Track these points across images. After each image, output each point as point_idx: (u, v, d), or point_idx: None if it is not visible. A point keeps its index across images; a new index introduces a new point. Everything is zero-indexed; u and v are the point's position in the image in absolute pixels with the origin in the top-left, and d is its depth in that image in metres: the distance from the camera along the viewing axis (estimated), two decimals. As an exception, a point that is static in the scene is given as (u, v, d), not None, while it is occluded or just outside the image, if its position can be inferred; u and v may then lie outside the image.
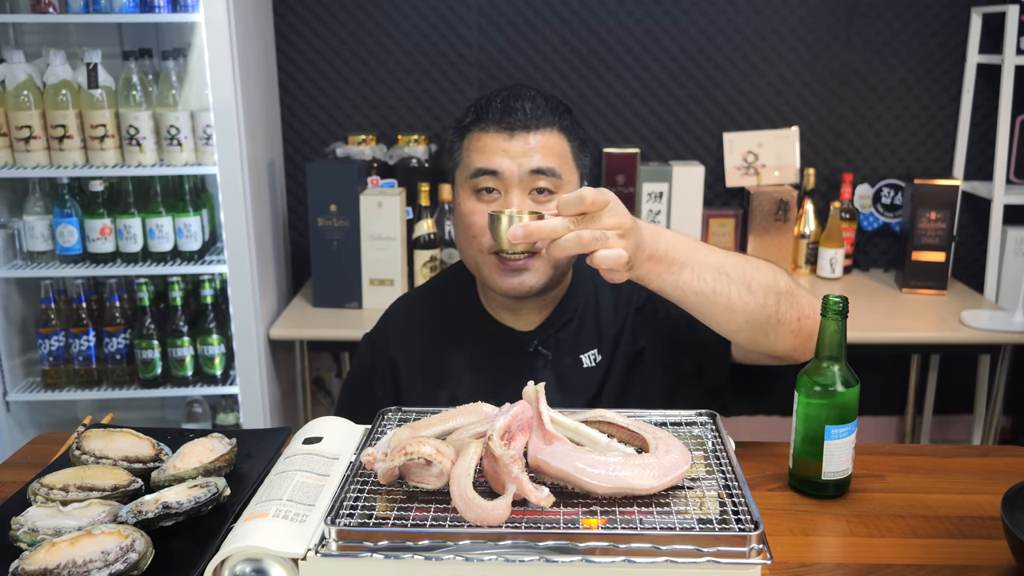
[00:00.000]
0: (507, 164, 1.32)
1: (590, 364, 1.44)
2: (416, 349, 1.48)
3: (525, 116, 1.33)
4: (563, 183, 1.34)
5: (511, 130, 1.33)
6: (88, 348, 2.59)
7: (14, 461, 1.31)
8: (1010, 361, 2.56)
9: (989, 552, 1.04)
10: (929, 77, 2.91)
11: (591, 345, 1.44)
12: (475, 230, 1.35)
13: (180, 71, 2.48)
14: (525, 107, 1.34)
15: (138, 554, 0.91)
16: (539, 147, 1.33)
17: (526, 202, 1.33)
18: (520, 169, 1.32)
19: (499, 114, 1.34)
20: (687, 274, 1.15)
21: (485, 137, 1.35)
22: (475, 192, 1.35)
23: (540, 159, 1.33)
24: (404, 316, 1.54)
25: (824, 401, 1.13)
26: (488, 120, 1.35)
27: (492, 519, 0.87)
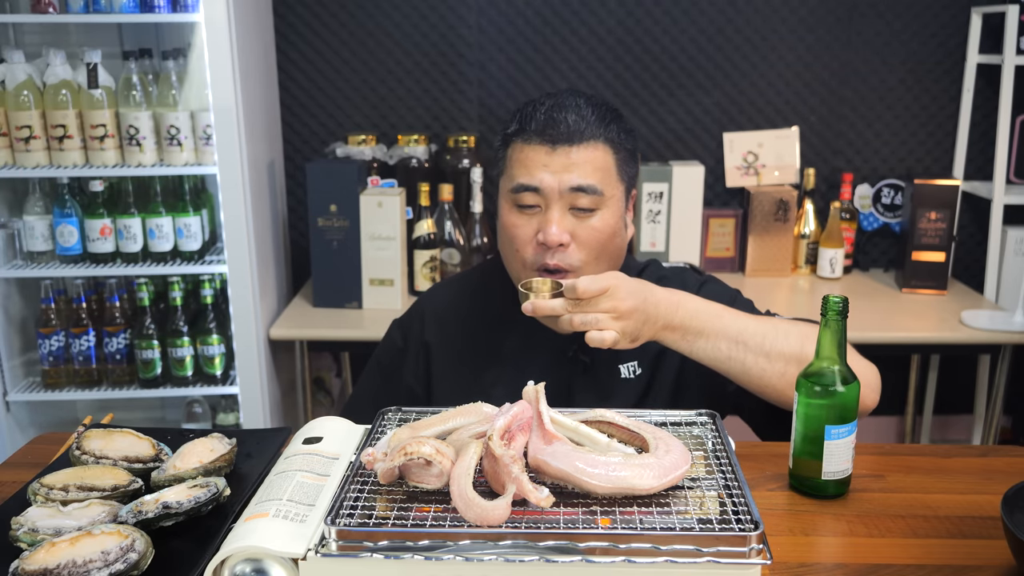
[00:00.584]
0: (548, 179, 1.30)
1: (628, 375, 1.42)
2: (453, 338, 1.47)
3: (568, 129, 1.30)
4: (605, 199, 1.32)
5: (553, 143, 1.31)
6: (88, 348, 2.59)
7: (14, 461, 1.30)
8: (1010, 361, 2.56)
9: (989, 552, 1.04)
10: (929, 77, 2.91)
11: (632, 357, 1.42)
12: (517, 243, 1.34)
13: (180, 71, 2.48)
14: (568, 119, 1.31)
15: (138, 554, 0.91)
16: (581, 162, 1.30)
17: (566, 218, 1.31)
18: (560, 185, 1.30)
19: (541, 125, 1.31)
20: (701, 342, 1.25)
21: (527, 149, 1.32)
22: (516, 205, 1.34)
23: (580, 176, 1.30)
24: (442, 304, 1.52)
25: (824, 401, 1.13)
26: (531, 131, 1.32)
27: (492, 519, 0.87)
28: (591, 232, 1.32)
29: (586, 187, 1.30)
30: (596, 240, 1.33)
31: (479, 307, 1.49)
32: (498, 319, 1.45)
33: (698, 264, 2.83)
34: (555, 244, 1.30)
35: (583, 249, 1.32)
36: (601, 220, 1.32)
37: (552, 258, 1.32)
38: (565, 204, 1.31)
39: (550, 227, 1.30)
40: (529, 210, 1.33)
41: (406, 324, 1.53)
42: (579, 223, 1.32)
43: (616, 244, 1.37)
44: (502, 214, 1.37)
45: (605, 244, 1.34)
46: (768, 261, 2.90)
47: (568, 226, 1.31)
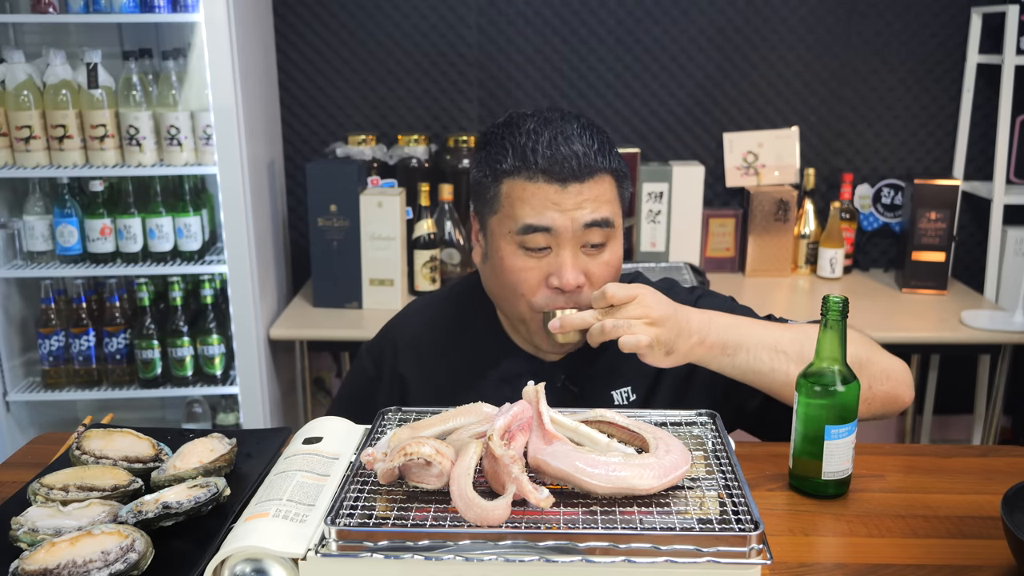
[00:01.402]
0: (560, 220, 1.22)
1: (621, 401, 1.36)
2: (431, 370, 1.40)
3: (578, 164, 1.22)
4: (614, 230, 1.27)
5: (563, 182, 1.22)
6: (88, 348, 2.59)
7: (14, 461, 1.30)
8: (1010, 361, 2.56)
9: (989, 552, 1.04)
10: (929, 77, 2.91)
11: (624, 382, 1.37)
12: (524, 288, 1.26)
13: (180, 71, 2.48)
14: (577, 152, 1.22)
15: (138, 554, 0.91)
16: (591, 197, 1.23)
17: (579, 259, 1.25)
18: (574, 224, 1.22)
19: (547, 162, 1.22)
20: (743, 356, 1.22)
21: (532, 188, 1.23)
22: (522, 248, 1.25)
23: (592, 211, 1.23)
24: (417, 333, 1.44)
25: (824, 401, 1.13)
26: (535, 169, 1.22)
27: (492, 519, 0.87)
28: (604, 268, 1.27)
29: (600, 221, 1.24)
30: (609, 276, 1.28)
31: (456, 336, 1.41)
32: (479, 349, 1.39)
33: (698, 264, 2.83)
34: (572, 288, 1.24)
35: (596, 287, 1.25)
36: (611, 254, 1.28)
37: (567, 300, 1.25)
38: (577, 243, 1.25)
39: (565, 271, 1.23)
40: (538, 252, 1.25)
41: (376, 352, 1.45)
42: (591, 260, 1.26)
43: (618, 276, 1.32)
44: (503, 257, 1.27)
45: (614, 278, 1.29)
46: (768, 261, 2.90)
47: (581, 266, 1.25)
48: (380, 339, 1.47)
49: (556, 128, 1.25)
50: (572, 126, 1.25)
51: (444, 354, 1.41)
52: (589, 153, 1.23)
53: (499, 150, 1.27)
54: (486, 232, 1.32)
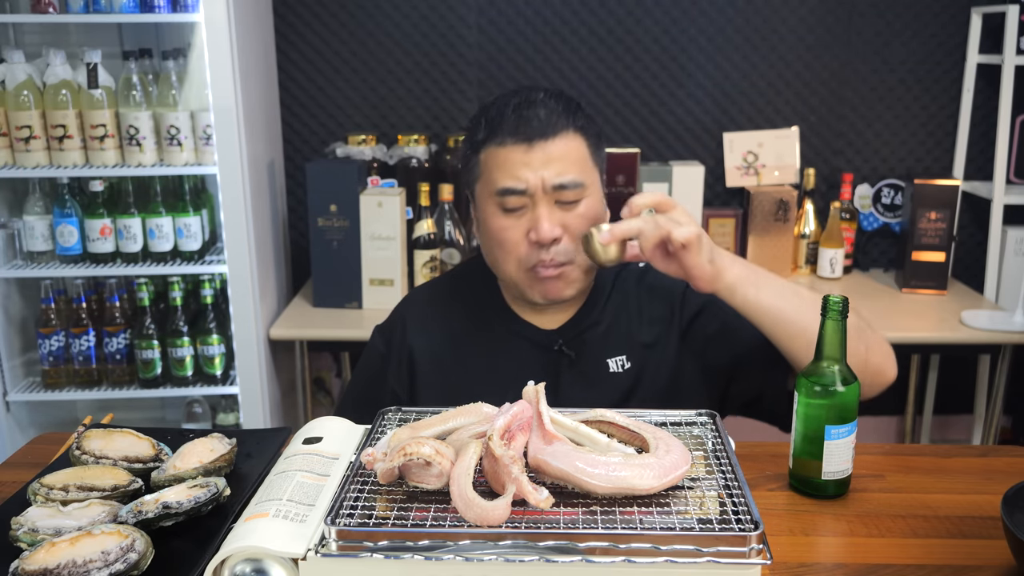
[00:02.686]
0: (531, 178, 1.30)
1: (616, 369, 1.41)
2: (436, 341, 1.47)
3: (541, 124, 1.30)
4: (586, 189, 1.33)
5: (529, 141, 1.30)
6: (88, 348, 2.59)
7: (14, 461, 1.31)
8: (1010, 361, 2.56)
9: (989, 552, 1.04)
10: (929, 77, 2.91)
11: (620, 351, 1.42)
12: (508, 245, 1.34)
13: (180, 71, 2.48)
14: (539, 114, 1.30)
15: (138, 554, 0.91)
16: (560, 156, 1.31)
17: (555, 213, 1.31)
18: (544, 182, 1.30)
19: (514, 125, 1.30)
20: (767, 290, 1.30)
21: (503, 152, 1.31)
22: (502, 209, 1.33)
23: (560, 171, 1.30)
24: (423, 308, 1.52)
25: (824, 401, 1.13)
26: (504, 133, 1.31)
27: (492, 519, 0.87)
28: (580, 220, 1.33)
29: (568, 183, 1.31)
30: (587, 226, 1.32)
31: (461, 307, 1.48)
32: (481, 318, 1.45)
33: (698, 264, 2.83)
34: (548, 240, 1.31)
35: (575, 240, 1.33)
36: (587, 207, 1.34)
37: (548, 253, 1.32)
38: (551, 199, 1.31)
39: (541, 224, 1.30)
40: (516, 212, 1.33)
41: (387, 330, 1.52)
42: (567, 214, 1.32)
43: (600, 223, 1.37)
44: (486, 219, 1.36)
45: None
46: (768, 261, 2.89)
47: (557, 219, 1.32)
48: (390, 317, 1.55)
49: (522, 95, 1.34)
50: (538, 94, 1.34)
51: (446, 321, 1.48)
52: (552, 113, 1.31)
53: (476, 124, 1.37)
54: (475, 201, 1.41)
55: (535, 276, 1.34)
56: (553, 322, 1.44)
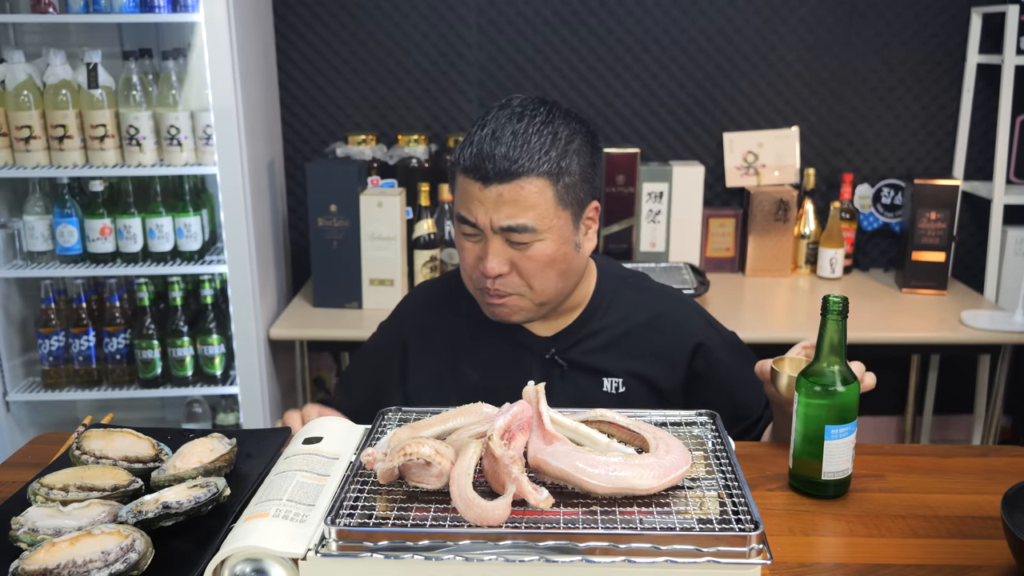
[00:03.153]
0: (481, 216, 1.29)
1: (610, 390, 1.43)
2: (431, 335, 1.50)
3: (495, 167, 1.26)
4: (540, 233, 1.29)
5: (484, 181, 1.27)
6: (88, 348, 2.59)
7: (14, 461, 1.31)
8: (1010, 361, 2.56)
9: (989, 552, 1.04)
10: (929, 77, 2.91)
11: (618, 374, 1.43)
12: (466, 264, 1.37)
13: (180, 71, 2.48)
14: (496, 155, 1.26)
15: (138, 554, 0.91)
16: (511, 201, 1.27)
17: (504, 250, 1.31)
18: (492, 223, 1.29)
19: (472, 161, 1.28)
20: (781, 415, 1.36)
21: (464, 182, 1.31)
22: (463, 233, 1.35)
23: (510, 216, 1.28)
24: (421, 303, 1.56)
25: (824, 401, 1.13)
26: (465, 164, 1.29)
27: (492, 519, 0.87)
28: (530, 263, 1.31)
29: (516, 227, 1.28)
30: (534, 269, 1.32)
31: (456, 306, 1.50)
32: (479, 319, 1.46)
33: (698, 264, 2.83)
34: (492, 275, 1.32)
35: (524, 277, 1.33)
36: (538, 250, 1.31)
37: (493, 284, 1.33)
38: (501, 238, 1.30)
39: (486, 261, 1.31)
40: (472, 238, 1.34)
41: (386, 325, 1.59)
42: (517, 253, 1.31)
43: (562, 268, 1.34)
44: (456, 234, 1.38)
45: (545, 270, 1.33)
46: (768, 261, 2.90)
47: (506, 256, 1.31)
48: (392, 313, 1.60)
49: (497, 125, 1.28)
50: (515, 126, 1.28)
51: (442, 319, 1.50)
52: (512, 155, 1.26)
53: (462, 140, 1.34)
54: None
55: (485, 297, 1.37)
56: (549, 329, 1.44)
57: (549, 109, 1.31)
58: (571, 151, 1.30)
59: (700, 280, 2.59)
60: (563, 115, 1.32)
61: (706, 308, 2.58)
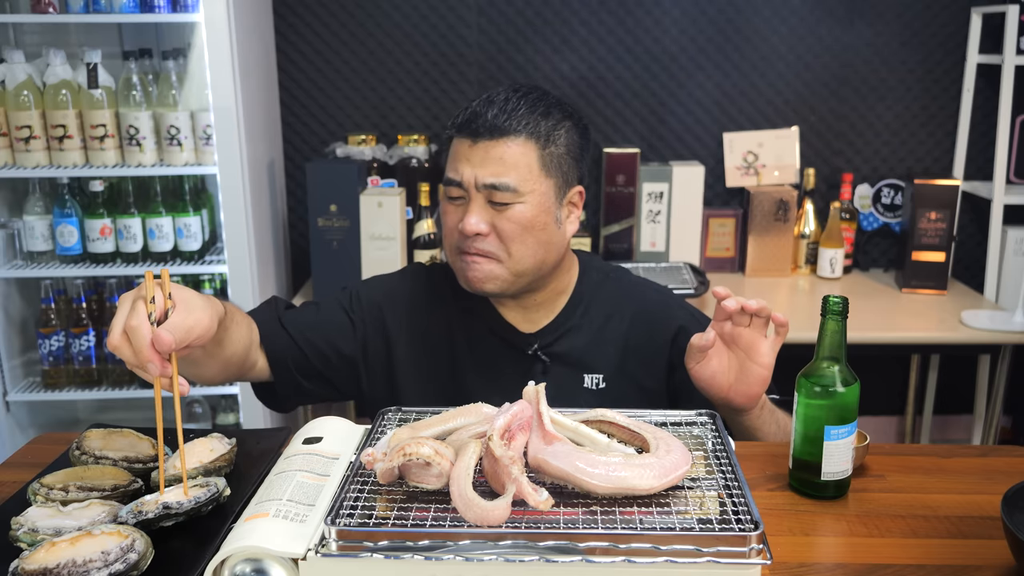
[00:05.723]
0: (467, 173, 1.33)
1: (590, 386, 1.44)
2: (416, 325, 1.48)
3: (487, 124, 1.32)
4: (521, 195, 1.33)
5: (474, 138, 1.33)
6: (88, 348, 2.59)
7: (14, 461, 1.30)
8: (1010, 361, 2.56)
9: (989, 552, 1.04)
10: (929, 77, 2.91)
11: (599, 370, 1.44)
12: (447, 231, 1.39)
13: (180, 71, 2.48)
14: (489, 114, 1.32)
15: (138, 554, 0.91)
16: (496, 158, 1.32)
17: (485, 210, 1.33)
18: (476, 180, 1.32)
19: (466, 119, 1.34)
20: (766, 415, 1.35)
21: (456, 143, 1.36)
22: (448, 197, 1.38)
23: (494, 173, 1.32)
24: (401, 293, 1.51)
25: (824, 402, 1.13)
26: (459, 126, 1.35)
27: (492, 519, 0.87)
28: (509, 224, 1.34)
29: (498, 185, 1.32)
30: (513, 231, 1.34)
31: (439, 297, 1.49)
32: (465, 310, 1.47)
33: (698, 264, 2.83)
34: (470, 233, 1.34)
35: (503, 239, 1.35)
36: (518, 212, 1.34)
37: (471, 245, 1.35)
38: (484, 197, 1.34)
39: (467, 218, 1.34)
40: (457, 201, 1.37)
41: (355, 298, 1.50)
42: (498, 215, 1.34)
43: (541, 237, 1.37)
44: (441, 206, 1.42)
45: (523, 235, 1.35)
46: (768, 261, 2.90)
47: (487, 217, 1.34)
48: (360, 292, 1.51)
49: (492, 93, 1.37)
50: (508, 92, 1.36)
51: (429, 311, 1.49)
52: (502, 115, 1.32)
53: None
54: None
55: (462, 261, 1.37)
56: (532, 324, 1.45)
57: (546, 92, 1.39)
58: (561, 127, 1.37)
59: (700, 280, 2.59)
60: (558, 101, 1.40)
61: (706, 308, 2.58)
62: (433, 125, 2.93)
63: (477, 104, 1.35)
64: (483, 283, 1.37)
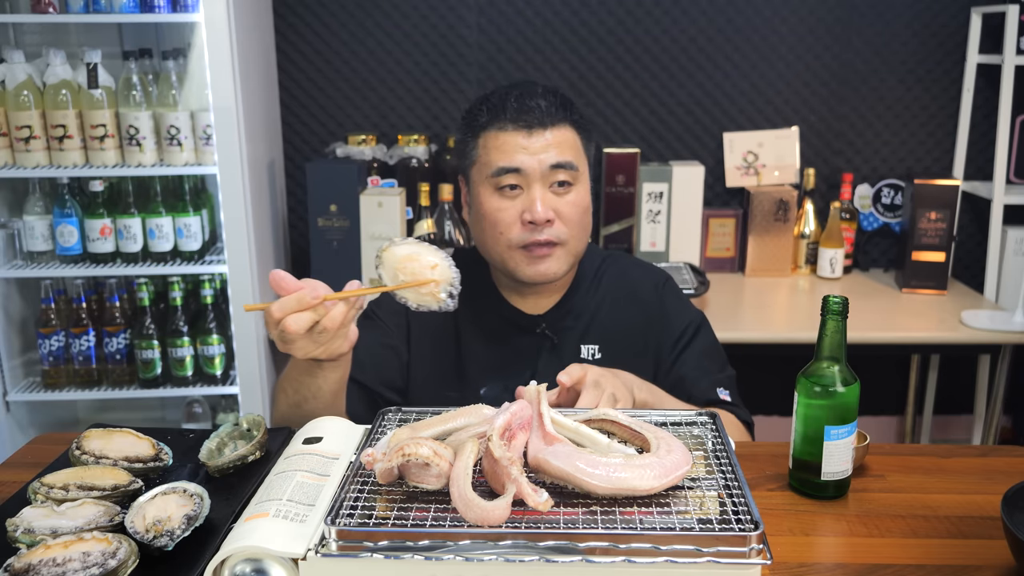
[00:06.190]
0: (528, 161, 1.39)
1: (587, 356, 1.52)
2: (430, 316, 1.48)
3: (541, 113, 1.40)
4: (579, 173, 1.42)
5: (529, 128, 1.40)
6: (88, 348, 2.58)
7: (14, 461, 1.30)
8: (1010, 361, 2.57)
9: (989, 552, 1.04)
10: (929, 77, 2.91)
11: (594, 340, 1.53)
12: (502, 226, 1.42)
13: (180, 71, 2.48)
14: (541, 104, 1.40)
15: (118, 561, 0.92)
16: (556, 143, 1.40)
17: (548, 196, 1.40)
18: (541, 165, 1.39)
19: (516, 112, 1.40)
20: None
21: (504, 136, 1.41)
22: (498, 189, 1.42)
23: (558, 154, 1.40)
24: None
25: (824, 402, 1.13)
26: (505, 119, 1.41)
27: (492, 519, 0.87)
28: (570, 207, 1.42)
29: (564, 163, 1.40)
30: (576, 214, 1.42)
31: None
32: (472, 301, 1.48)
33: (698, 264, 2.83)
34: (542, 221, 1.39)
35: (566, 223, 1.42)
36: (577, 195, 1.43)
37: (542, 234, 1.40)
38: (545, 183, 1.40)
39: (535, 205, 1.39)
40: (511, 192, 1.41)
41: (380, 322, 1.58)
42: (559, 199, 1.41)
43: (587, 222, 1.47)
44: (483, 202, 1.44)
45: (582, 217, 1.45)
46: (768, 261, 2.90)
47: (550, 203, 1.40)
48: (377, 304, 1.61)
49: (523, 87, 1.45)
50: (539, 87, 1.45)
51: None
52: (551, 105, 1.42)
53: (476, 110, 1.46)
54: (469, 185, 1.49)
55: (527, 255, 1.42)
56: (538, 307, 1.53)
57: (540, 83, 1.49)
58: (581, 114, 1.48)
59: (700, 280, 2.59)
60: None
61: (706, 308, 2.58)
62: (433, 125, 2.93)
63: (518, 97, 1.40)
64: (548, 272, 1.43)
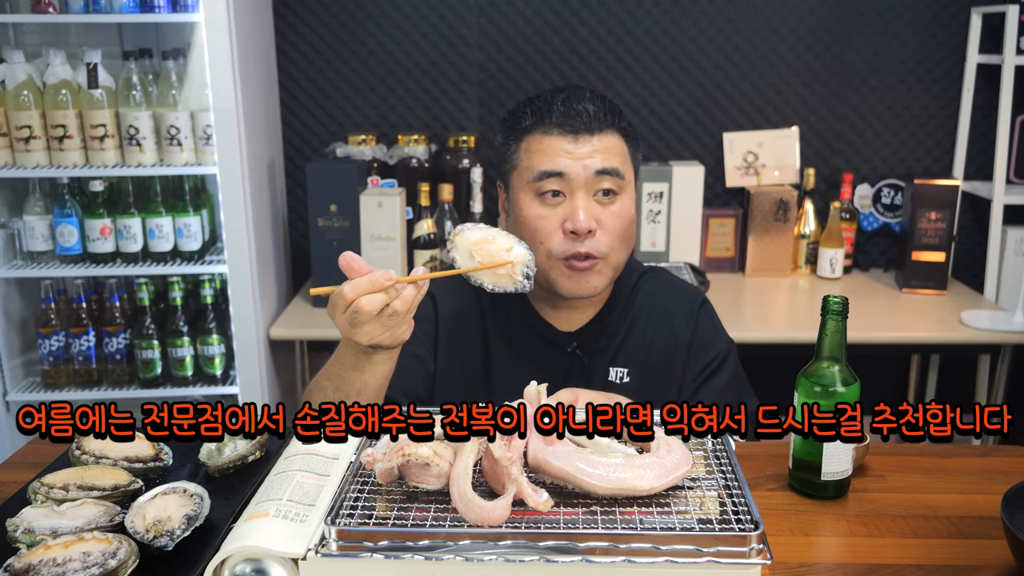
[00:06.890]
0: (572, 166, 1.33)
1: (614, 379, 1.45)
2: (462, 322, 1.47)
3: (588, 118, 1.34)
4: (625, 183, 1.37)
5: (575, 133, 1.34)
6: (88, 348, 2.58)
7: (14, 461, 1.31)
8: (1010, 361, 2.56)
9: (989, 552, 1.04)
10: (929, 77, 2.91)
11: (624, 363, 1.46)
12: (542, 235, 1.35)
13: (180, 71, 2.48)
14: (588, 109, 1.34)
15: (118, 561, 0.92)
16: (602, 149, 1.34)
17: (592, 206, 1.34)
18: (586, 171, 1.33)
19: (561, 117, 1.35)
20: None
21: (548, 140, 1.35)
22: (539, 196, 1.35)
23: (603, 160, 1.34)
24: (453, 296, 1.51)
25: (824, 402, 1.13)
26: (550, 123, 1.35)
27: (492, 519, 0.87)
28: (614, 218, 1.35)
29: (611, 170, 1.34)
30: (619, 226, 1.36)
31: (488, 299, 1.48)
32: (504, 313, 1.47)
33: (698, 264, 2.83)
34: (585, 230, 1.32)
35: (609, 235, 1.35)
36: (622, 205, 1.36)
37: (583, 245, 1.33)
38: (589, 191, 1.34)
39: (578, 214, 1.32)
40: (553, 199, 1.34)
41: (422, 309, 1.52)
42: (603, 210, 1.34)
43: (632, 233, 1.40)
44: (522, 208, 1.37)
45: (626, 230, 1.37)
46: (768, 261, 2.90)
47: (593, 213, 1.34)
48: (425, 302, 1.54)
49: (570, 91, 1.38)
50: (587, 92, 1.39)
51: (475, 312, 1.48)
52: (599, 111, 1.35)
53: (520, 113, 1.40)
54: (508, 191, 1.42)
55: (568, 268, 1.35)
56: (571, 323, 1.45)
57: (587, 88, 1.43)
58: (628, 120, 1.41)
59: (700, 280, 2.59)
60: None
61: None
62: (433, 125, 2.93)
63: (565, 101, 1.35)
64: (588, 286, 1.36)
